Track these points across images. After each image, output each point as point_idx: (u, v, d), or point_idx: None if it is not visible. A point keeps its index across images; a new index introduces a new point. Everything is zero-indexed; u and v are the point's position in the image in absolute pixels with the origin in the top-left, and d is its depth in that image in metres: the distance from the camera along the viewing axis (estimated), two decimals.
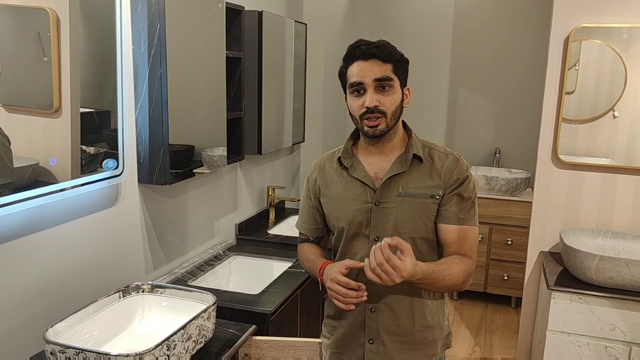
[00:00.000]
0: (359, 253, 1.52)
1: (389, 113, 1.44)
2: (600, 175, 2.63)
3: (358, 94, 1.45)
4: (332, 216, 1.56)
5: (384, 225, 1.48)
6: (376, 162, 1.52)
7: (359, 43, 1.46)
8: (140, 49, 1.91)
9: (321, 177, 1.60)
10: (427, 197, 1.47)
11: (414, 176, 1.49)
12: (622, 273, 2.23)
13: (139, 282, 1.77)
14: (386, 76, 1.42)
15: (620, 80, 2.59)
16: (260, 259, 2.58)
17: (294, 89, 3.08)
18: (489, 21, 4.05)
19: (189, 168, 2.12)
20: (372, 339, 1.54)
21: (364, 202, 1.50)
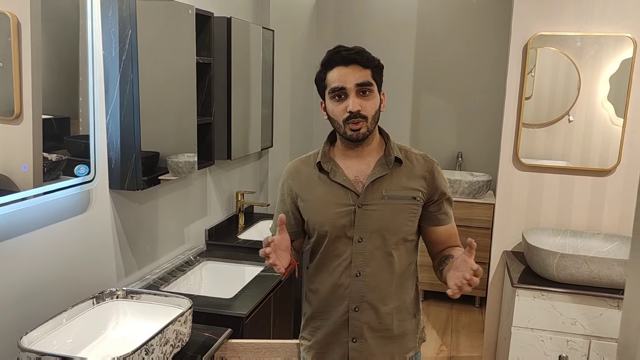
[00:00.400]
0: (343, 254, 1.54)
1: (369, 117, 1.48)
2: (559, 176, 2.75)
3: (339, 99, 1.48)
4: (313, 220, 1.57)
5: (368, 227, 1.52)
6: (354, 165, 1.56)
7: (339, 49, 1.50)
8: (111, 54, 1.90)
9: (297, 182, 1.61)
10: (409, 199, 1.53)
11: (395, 178, 1.54)
12: (582, 269, 2.34)
13: (113, 288, 1.76)
14: (367, 81, 1.47)
15: (574, 86, 2.71)
16: (231, 263, 2.58)
17: (262, 95, 3.11)
18: (451, 28, 4.17)
19: (157, 174, 2.12)
20: (356, 338, 1.57)
21: (345, 205, 1.53)
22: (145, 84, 1.93)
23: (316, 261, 1.61)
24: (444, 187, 1.58)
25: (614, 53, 2.61)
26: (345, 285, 1.55)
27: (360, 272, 1.54)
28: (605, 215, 2.72)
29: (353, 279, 1.54)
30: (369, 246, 1.53)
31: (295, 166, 1.65)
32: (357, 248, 1.53)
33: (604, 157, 2.69)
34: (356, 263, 1.54)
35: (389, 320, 1.56)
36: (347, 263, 1.54)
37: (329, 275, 1.57)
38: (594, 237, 2.67)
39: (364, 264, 1.53)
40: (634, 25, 2.56)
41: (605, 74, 2.66)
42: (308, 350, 1.66)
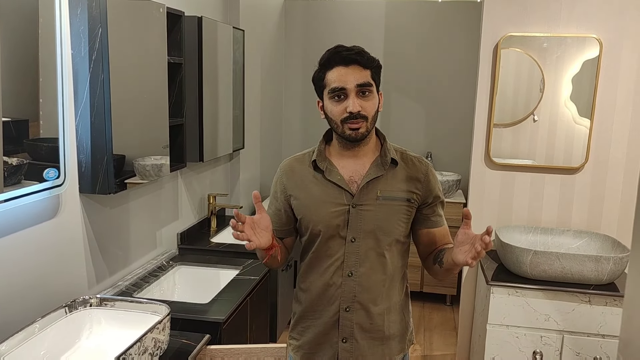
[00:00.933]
0: (336, 254, 1.54)
1: (369, 117, 1.48)
2: (530, 175, 2.79)
3: (339, 99, 1.47)
4: (307, 219, 1.56)
5: (362, 227, 1.52)
6: (350, 165, 1.55)
7: (339, 49, 1.50)
8: (81, 53, 1.83)
9: (290, 180, 1.60)
10: (403, 201, 1.53)
11: (390, 180, 1.54)
12: (554, 266, 2.38)
13: (86, 296, 1.70)
14: (367, 81, 1.47)
15: (538, 87, 2.76)
16: (204, 268, 2.53)
17: (233, 96, 3.06)
18: (420, 28, 4.21)
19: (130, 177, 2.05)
20: (346, 338, 1.56)
21: (340, 204, 1.52)
22: (116, 84, 1.87)
23: (308, 260, 1.59)
24: (438, 190, 1.59)
25: (576, 54, 2.67)
26: (337, 284, 1.54)
27: (352, 272, 1.53)
28: (574, 213, 2.78)
29: (345, 279, 1.54)
30: (362, 246, 1.53)
31: (290, 164, 1.63)
32: (351, 248, 1.53)
33: (568, 156, 2.75)
34: (349, 263, 1.53)
35: (380, 321, 1.56)
36: (340, 263, 1.54)
37: (321, 275, 1.56)
38: (564, 234, 2.73)
39: (356, 264, 1.53)
40: (599, 27, 2.62)
41: (568, 75, 2.72)
42: (297, 350, 1.64)
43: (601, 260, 2.34)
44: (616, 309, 2.36)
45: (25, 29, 1.63)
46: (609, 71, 2.65)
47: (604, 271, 2.35)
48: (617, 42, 2.62)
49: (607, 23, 2.61)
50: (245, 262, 2.52)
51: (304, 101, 4.41)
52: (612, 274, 2.37)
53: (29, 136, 1.68)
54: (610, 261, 2.34)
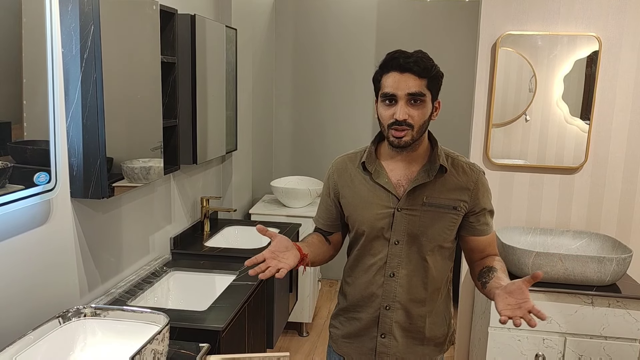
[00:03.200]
0: (379, 254, 1.56)
1: (416, 126, 1.46)
2: (529, 175, 2.76)
3: (389, 104, 1.47)
4: (353, 218, 1.59)
5: (406, 230, 1.53)
6: (399, 169, 1.56)
7: (397, 54, 1.48)
8: (72, 52, 1.75)
9: (341, 178, 1.62)
10: (450, 208, 1.53)
11: (438, 186, 1.53)
12: (557, 267, 2.34)
13: (80, 306, 1.62)
14: (419, 91, 1.44)
15: (530, 86, 2.73)
16: (199, 273, 2.46)
17: (226, 96, 2.99)
18: (414, 28, 4.16)
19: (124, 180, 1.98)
20: (385, 334, 1.59)
21: (386, 207, 1.54)
22: (109, 84, 1.79)
23: (354, 256, 1.63)
24: (487, 200, 1.58)
25: (567, 54, 2.65)
26: (379, 283, 1.57)
27: (394, 273, 1.55)
28: (573, 213, 2.75)
29: (387, 279, 1.56)
30: (405, 249, 1.54)
31: (343, 161, 1.65)
32: (394, 250, 1.54)
33: (560, 156, 2.74)
34: (391, 264, 1.56)
35: (420, 323, 1.58)
36: (383, 263, 1.56)
37: (365, 272, 1.59)
38: (563, 235, 2.70)
39: (398, 266, 1.55)
40: (599, 25, 2.60)
41: (560, 74, 2.69)
42: (337, 339, 1.69)
43: (604, 261, 2.31)
44: (619, 310, 2.34)
45: (7, 28, 1.55)
46: (609, 69, 2.62)
47: (606, 272, 2.32)
48: (617, 40, 2.60)
49: (606, 21, 2.59)
50: (241, 266, 2.45)
51: (295, 102, 4.34)
52: (615, 275, 2.34)
53: (12, 139, 1.59)
54: (613, 262, 2.31)
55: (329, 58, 4.23)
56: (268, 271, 1.34)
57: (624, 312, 2.34)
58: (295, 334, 3.58)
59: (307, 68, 4.26)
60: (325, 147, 4.31)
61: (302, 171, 4.28)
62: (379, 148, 1.61)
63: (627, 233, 2.72)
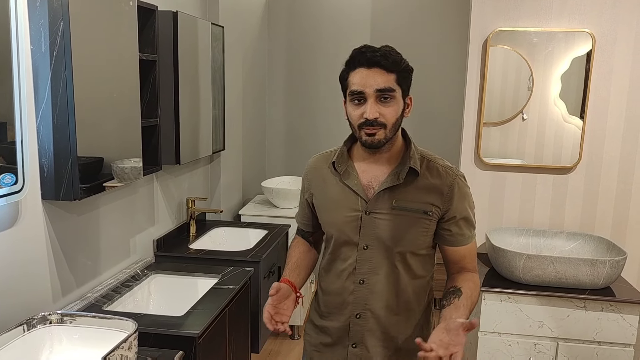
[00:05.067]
0: (349, 259, 1.49)
1: (389, 124, 1.39)
2: (521, 175, 2.69)
3: (358, 103, 1.39)
4: (323, 220, 1.54)
5: (375, 235, 1.45)
6: (371, 170, 1.48)
7: (364, 49, 1.40)
8: (41, 49, 1.70)
9: (314, 178, 1.57)
10: (420, 213, 1.43)
11: (410, 189, 1.44)
12: (548, 270, 2.27)
13: (45, 312, 1.56)
14: (389, 87, 1.37)
15: (527, 85, 2.67)
16: (182, 276, 2.40)
17: (212, 95, 2.93)
18: (407, 26, 4.09)
19: (98, 182, 1.92)
20: (356, 344, 1.51)
21: (354, 210, 1.46)
22: (81, 82, 1.74)
23: (326, 260, 1.57)
24: (464, 206, 1.46)
25: (565, 51, 2.58)
26: (350, 290, 1.50)
27: (364, 280, 1.48)
28: (567, 214, 2.68)
29: (357, 286, 1.48)
30: (375, 255, 1.46)
31: (317, 161, 1.60)
32: (363, 255, 1.47)
33: (558, 155, 2.67)
34: (361, 270, 1.48)
35: (394, 333, 1.50)
36: (352, 269, 1.49)
37: (336, 278, 1.53)
38: (557, 236, 2.63)
39: (369, 272, 1.47)
40: (592, 21, 2.52)
41: (557, 72, 2.63)
42: (309, 347, 1.63)
43: (597, 264, 2.24)
44: (613, 314, 2.27)
45: None
46: (602, 67, 2.55)
47: (599, 275, 2.25)
48: (611, 36, 2.52)
49: (600, 17, 2.52)
50: (225, 269, 2.39)
51: (289, 101, 4.28)
52: (608, 278, 2.27)
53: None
54: (606, 265, 2.24)
55: (322, 57, 4.16)
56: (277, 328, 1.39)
57: (618, 317, 2.27)
58: (286, 337, 3.52)
59: (300, 67, 4.20)
60: (318, 147, 4.22)
61: (295, 171, 4.21)
62: (353, 148, 1.53)
63: (622, 234, 2.65)
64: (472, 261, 1.51)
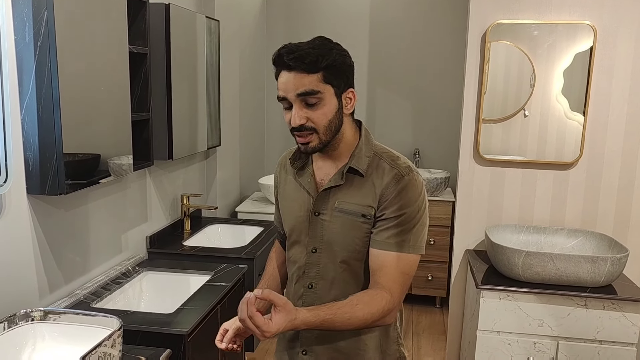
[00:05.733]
0: (297, 262, 1.41)
1: (320, 128, 1.26)
2: (521, 171, 2.64)
3: (288, 107, 1.28)
4: (283, 217, 1.47)
5: (322, 237, 1.35)
6: (325, 166, 1.38)
7: (282, 50, 1.26)
8: (25, 39, 1.65)
9: (281, 174, 1.50)
10: (358, 216, 1.31)
11: (352, 190, 1.32)
12: (548, 268, 2.22)
13: (28, 309, 1.52)
14: (311, 89, 1.23)
15: (528, 81, 2.62)
16: (174, 273, 2.36)
17: (207, 89, 2.88)
18: (406, 20, 4.04)
19: (94, 178, 1.89)
20: (306, 350, 1.40)
21: (306, 209, 1.38)
22: (66, 74, 1.69)
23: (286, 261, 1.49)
24: (399, 205, 1.27)
25: (567, 46, 2.53)
26: (299, 294, 1.40)
27: (312, 285, 1.38)
28: (568, 210, 2.62)
29: (306, 290, 1.39)
30: (323, 258, 1.36)
31: (285, 157, 1.51)
32: (311, 258, 1.37)
33: (560, 151, 2.62)
34: (310, 274, 1.38)
35: (343, 343, 1.37)
36: (302, 272, 1.40)
37: (290, 281, 1.45)
38: (557, 233, 2.57)
39: (317, 277, 1.37)
40: (593, 13, 2.47)
41: (560, 68, 2.58)
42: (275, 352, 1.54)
43: (598, 261, 2.19)
44: (614, 313, 2.21)
45: None
46: (604, 60, 2.50)
47: (601, 273, 2.20)
48: (613, 29, 2.47)
49: (601, 9, 2.46)
50: (218, 266, 2.35)
51: None
52: (610, 276, 2.22)
53: None
54: (607, 262, 2.18)
55: None
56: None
57: (620, 315, 2.21)
58: None
59: None
60: None
61: None
62: None
63: (624, 231, 2.59)
64: (391, 279, 1.27)
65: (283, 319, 1.14)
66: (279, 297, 1.14)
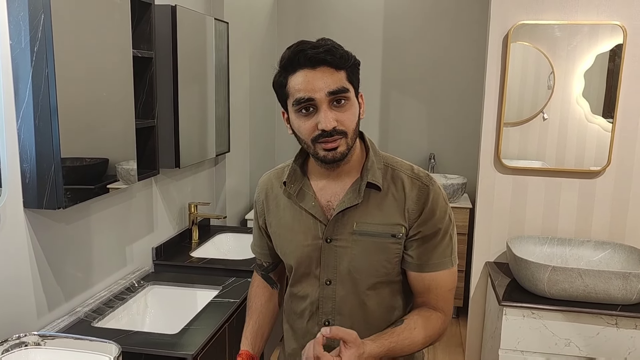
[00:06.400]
0: (309, 297, 1.26)
1: (350, 132, 1.14)
2: (544, 179, 2.51)
3: (307, 113, 1.13)
4: (280, 250, 1.30)
5: (337, 266, 1.22)
6: (330, 187, 1.23)
7: (303, 46, 1.14)
8: (21, 44, 1.56)
9: (267, 201, 1.32)
10: (387, 237, 1.18)
11: (370, 208, 1.19)
12: (576, 284, 2.09)
13: (21, 334, 1.42)
14: (342, 87, 1.12)
15: (548, 82, 2.50)
16: (181, 288, 2.25)
17: (215, 94, 2.78)
18: (423, 21, 3.92)
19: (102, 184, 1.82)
20: None
21: (314, 237, 1.22)
22: (65, 81, 1.59)
23: (287, 296, 1.34)
24: (433, 222, 1.18)
25: (588, 47, 2.40)
26: (313, 334, 1.24)
27: (329, 321, 1.24)
28: (594, 221, 2.49)
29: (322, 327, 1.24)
30: (339, 290, 1.23)
31: (268, 180, 1.34)
32: (326, 292, 1.24)
33: (580, 157, 2.51)
34: (325, 310, 1.25)
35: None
36: (315, 308, 1.25)
37: (298, 318, 1.30)
38: (583, 245, 2.44)
39: (333, 312, 1.24)
40: (623, 13, 2.33)
41: (580, 69, 2.45)
42: None
43: (630, 277, 2.05)
44: None
45: None
46: (635, 62, 2.36)
47: (633, 290, 2.06)
48: None
49: (632, 8, 2.32)
50: (226, 280, 2.24)
51: None
52: None
53: None
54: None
55: None
56: None
57: None
58: None
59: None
60: None
61: None
62: (307, 162, 1.28)
63: None
64: (441, 299, 1.22)
65: (354, 354, 1.05)
66: (347, 332, 1.06)
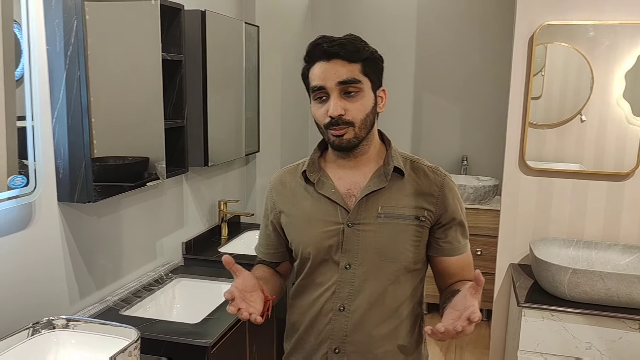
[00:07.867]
0: (326, 283, 1.30)
1: (357, 122, 1.23)
2: (571, 181, 2.48)
3: (322, 100, 1.24)
4: (296, 240, 1.34)
5: (358, 250, 1.27)
6: (348, 176, 1.31)
7: (320, 40, 1.25)
8: (56, 49, 1.68)
9: (281, 195, 1.39)
10: (411, 219, 1.27)
11: (396, 193, 1.28)
12: (597, 287, 2.07)
13: (52, 317, 1.53)
14: (352, 78, 1.21)
15: (587, 83, 2.46)
16: (208, 281, 2.34)
17: (245, 96, 2.87)
18: (454, 23, 3.91)
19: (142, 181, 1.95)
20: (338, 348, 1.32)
21: (334, 223, 1.29)
22: (96, 83, 1.71)
23: (296, 287, 1.38)
24: (457, 210, 1.32)
25: (629, 47, 2.36)
26: (326, 321, 1.30)
27: (344, 306, 1.29)
28: (622, 224, 2.44)
29: (336, 314, 1.29)
30: (358, 275, 1.28)
31: (281, 177, 1.42)
32: (344, 276, 1.28)
33: (620, 159, 2.45)
34: (341, 295, 1.29)
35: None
36: (330, 294, 1.29)
37: (309, 306, 1.34)
38: (611, 249, 2.40)
39: (350, 297, 1.28)
40: None
41: (621, 70, 2.41)
42: None
43: None
44: None
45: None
46: None
47: None
48: None
49: None
50: None
51: None
52: None
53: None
54: None
55: None
56: (240, 314, 1.15)
57: None
58: None
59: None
60: None
61: None
62: (325, 155, 1.37)
63: None
64: (471, 271, 1.33)
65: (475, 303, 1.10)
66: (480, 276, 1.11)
